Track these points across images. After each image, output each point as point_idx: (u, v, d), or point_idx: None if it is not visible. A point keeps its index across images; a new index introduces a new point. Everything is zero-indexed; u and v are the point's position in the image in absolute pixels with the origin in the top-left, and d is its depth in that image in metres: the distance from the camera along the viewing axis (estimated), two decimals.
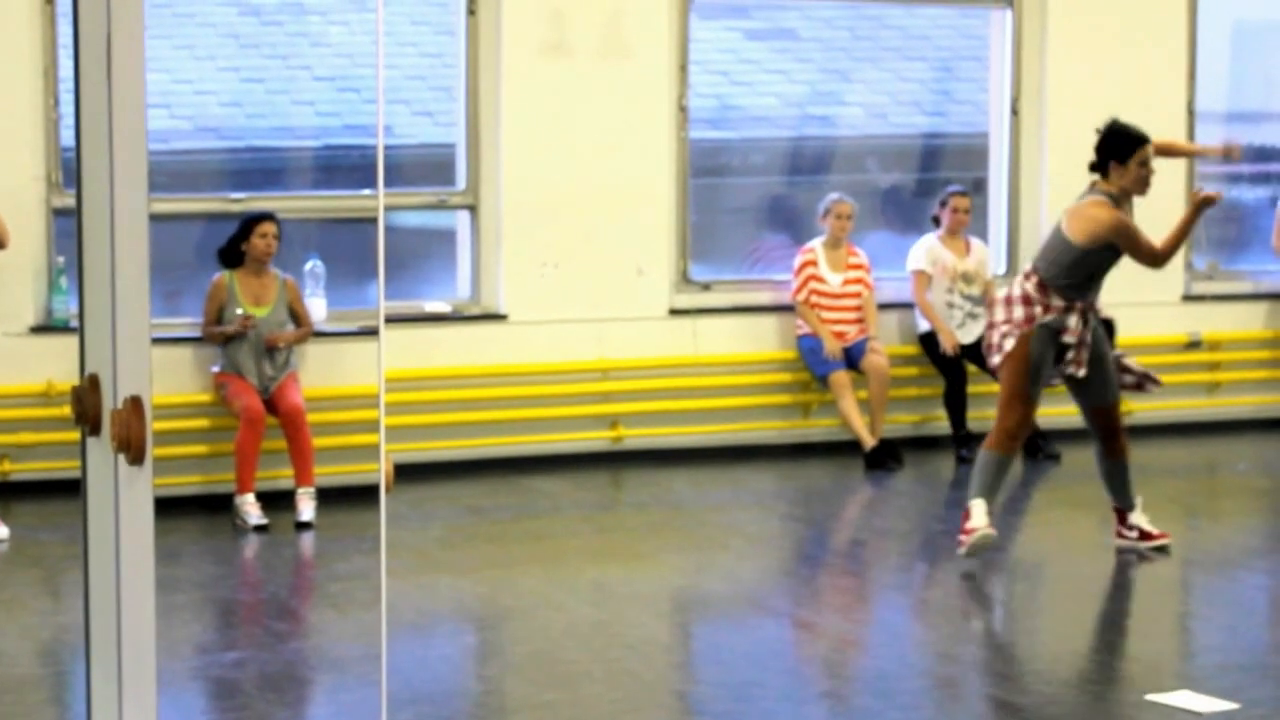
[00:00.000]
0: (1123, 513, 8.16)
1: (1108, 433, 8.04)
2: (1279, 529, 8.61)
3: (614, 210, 10.20)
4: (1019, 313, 7.91)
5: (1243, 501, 9.88)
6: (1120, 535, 8.17)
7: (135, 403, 3.15)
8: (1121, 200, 8.02)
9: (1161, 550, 8.07)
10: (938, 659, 6.82)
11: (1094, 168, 8.05)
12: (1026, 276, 8.04)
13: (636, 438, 10.25)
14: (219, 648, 6.78)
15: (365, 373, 9.37)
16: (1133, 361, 8.29)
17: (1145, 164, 7.96)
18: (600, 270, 10.19)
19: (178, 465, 9.06)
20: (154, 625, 3.28)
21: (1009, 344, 7.87)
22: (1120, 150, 7.98)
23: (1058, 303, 7.89)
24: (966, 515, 7.90)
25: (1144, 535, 8.12)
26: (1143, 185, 8.03)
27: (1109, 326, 10.13)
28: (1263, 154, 12.28)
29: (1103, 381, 8.01)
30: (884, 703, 6.15)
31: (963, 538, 7.88)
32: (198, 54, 10.26)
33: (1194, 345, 11.35)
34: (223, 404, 9.06)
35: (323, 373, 9.45)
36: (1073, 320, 7.89)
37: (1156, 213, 11.30)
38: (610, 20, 10.19)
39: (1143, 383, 8.23)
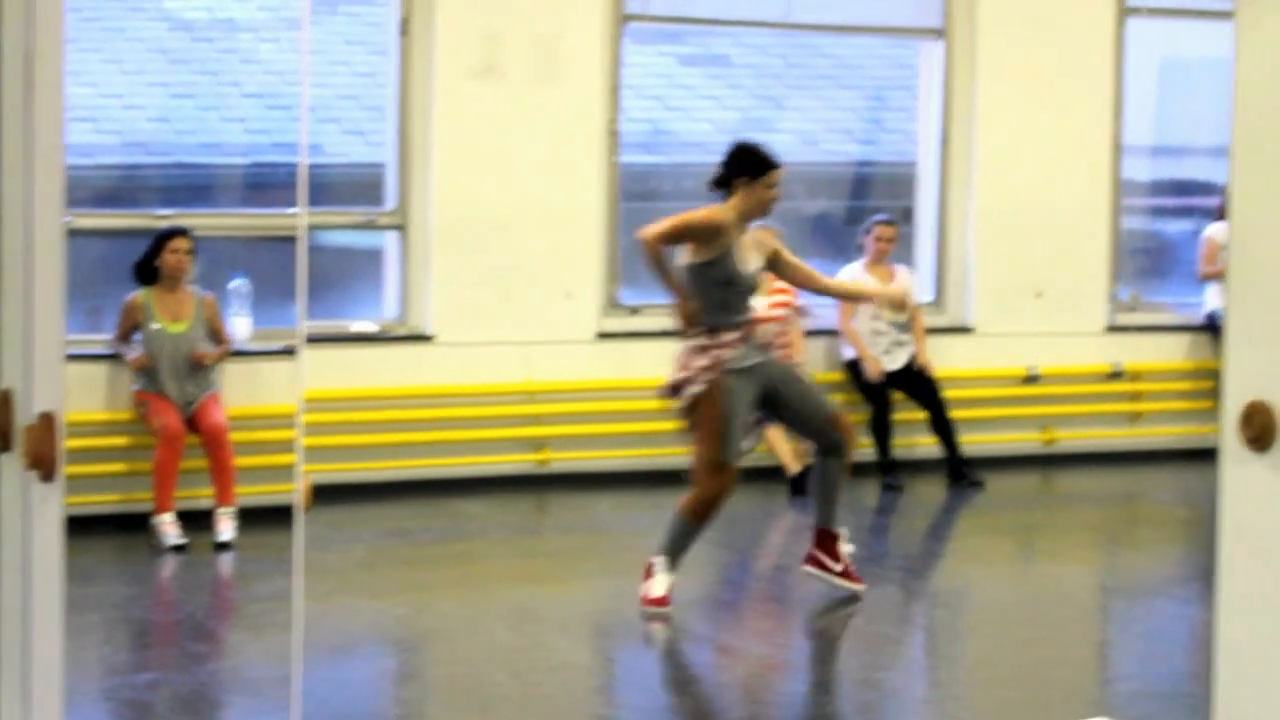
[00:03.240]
0: (829, 534, 7.72)
1: (840, 439, 7.50)
2: (1197, 558, 8.66)
3: (544, 233, 10.20)
4: (700, 360, 7.41)
5: (1161, 531, 9.95)
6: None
7: (48, 419, 3.12)
8: (736, 222, 7.52)
9: (854, 595, 7.68)
10: (858, 685, 6.83)
11: (719, 184, 7.57)
12: None
13: (563, 461, 10.24)
14: (132, 669, 6.73)
15: (289, 392, 9.32)
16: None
17: (773, 187, 7.51)
18: (529, 293, 10.18)
19: (96, 483, 8.97)
20: (62, 645, 3.25)
21: (694, 390, 7.39)
22: (755, 168, 7.52)
23: (729, 336, 7.44)
24: (648, 572, 7.51)
25: (845, 571, 7.71)
26: (764, 209, 7.54)
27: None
28: (1185, 188, 12.40)
29: (809, 400, 7.54)
30: None
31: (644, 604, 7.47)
32: (126, 68, 10.20)
33: (1116, 375, 11.44)
34: (142, 422, 9.00)
35: (246, 392, 9.40)
36: (743, 350, 7.46)
37: (1075, 243, 11.42)
38: (543, 43, 10.20)
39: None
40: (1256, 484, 5.36)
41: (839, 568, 7.70)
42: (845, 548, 7.73)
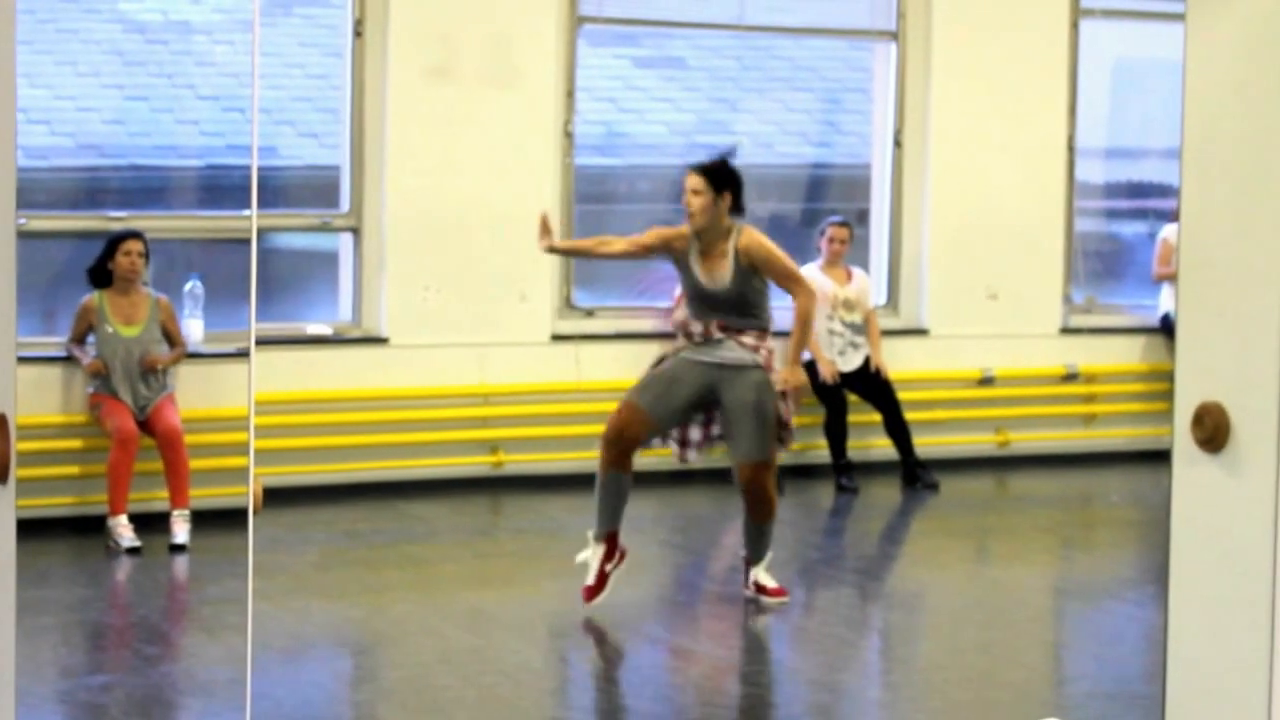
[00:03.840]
0: (750, 563, 7.79)
1: (747, 494, 7.55)
2: (1150, 560, 8.70)
3: (497, 235, 10.18)
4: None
5: (1116, 533, 9.99)
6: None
7: (0, 421, 3.09)
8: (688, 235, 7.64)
9: (780, 605, 7.69)
10: (812, 687, 6.84)
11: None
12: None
13: (517, 463, 10.23)
14: (86, 671, 6.69)
15: (243, 394, 9.30)
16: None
17: (684, 193, 7.54)
18: (483, 295, 10.17)
19: (50, 486, 8.94)
20: (13, 648, 3.22)
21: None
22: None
23: (690, 336, 7.66)
24: None
25: (760, 589, 7.73)
26: (688, 212, 7.57)
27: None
28: (1140, 190, 12.45)
29: (742, 436, 7.49)
30: None
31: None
32: (80, 70, 10.16)
33: (1071, 378, 11.48)
34: (97, 425, 8.96)
35: (200, 394, 9.36)
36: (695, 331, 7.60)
37: (1030, 245, 11.46)
38: (497, 45, 10.19)
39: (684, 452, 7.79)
40: (1208, 485, 5.38)
41: (753, 589, 7.75)
42: (758, 572, 7.73)
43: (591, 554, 7.54)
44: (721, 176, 7.56)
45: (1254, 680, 5.07)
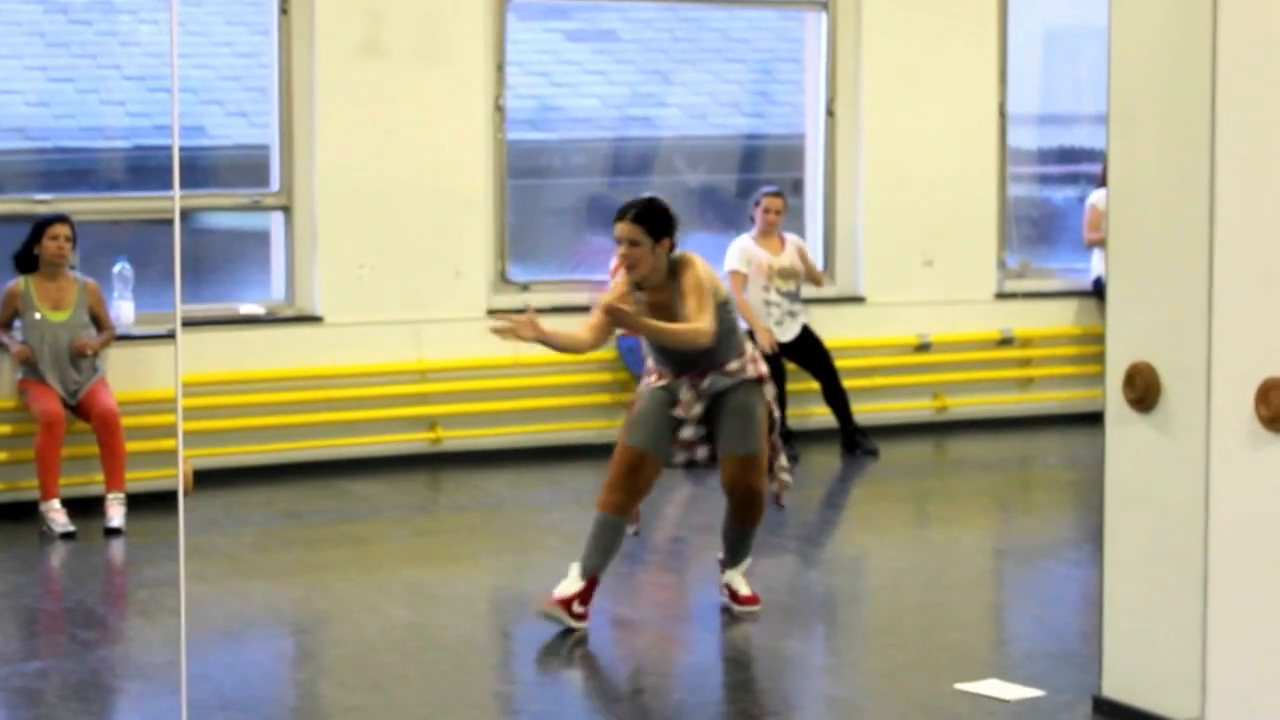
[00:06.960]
0: (727, 566, 7.22)
1: (733, 492, 6.95)
2: (1087, 521, 8.72)
3: (431, 211, 10.15)
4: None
5: (1053, 494, 10.05)
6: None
7: None
8: None
9: (750, 613, 7.15)
10: (756, 654, 6.84)
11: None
12: None
13: (455, 439, 10.21)
14: (21, 657, 6.64)
15: (173, 376, 9.24)
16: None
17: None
18: (417, 271, 10.14)
19: None
20: None
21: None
22: (673, 230, 6.93)
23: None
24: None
25: (734, 596, 7.19)
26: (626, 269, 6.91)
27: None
28: (1071, 155, 12.50)
29: (729, 432, 6.87)
30: (699, 697, 6.17)
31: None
32: (2, 52, 10.08)
33: (1006, 342, 11.54)
34: (26, 409, 8.89)
35: (132, 377, 9.30)
36: (684, 393, 6.91)
37: (963, 211, 11.50)
38: (426, 20, 10.14)
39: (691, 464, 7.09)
40: (1140, 444, 5.43)
41: (727, 594, 7.26)
42: (730, 576, 7.23)
43: (568, 585, 6.92)
44: (658, 222, 6.84)
45: (1187, 635, 5.12)
